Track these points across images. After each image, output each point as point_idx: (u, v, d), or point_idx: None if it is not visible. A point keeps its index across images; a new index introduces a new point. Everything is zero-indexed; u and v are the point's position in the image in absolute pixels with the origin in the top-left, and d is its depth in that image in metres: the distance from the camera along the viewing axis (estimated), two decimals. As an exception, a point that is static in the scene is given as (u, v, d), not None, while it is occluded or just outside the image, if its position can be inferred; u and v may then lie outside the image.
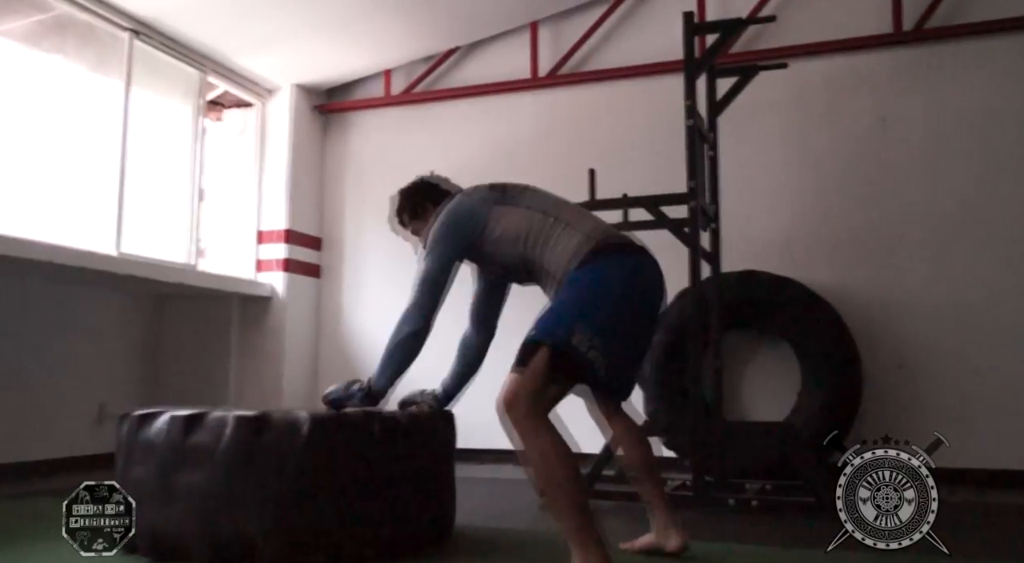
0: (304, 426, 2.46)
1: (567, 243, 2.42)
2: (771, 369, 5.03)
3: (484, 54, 6.01)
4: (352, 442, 2.52)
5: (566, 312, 2.32)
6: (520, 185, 2.70)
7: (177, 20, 5.11)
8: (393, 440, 2.59)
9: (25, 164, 4.47)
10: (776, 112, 5.21)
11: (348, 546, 2.48)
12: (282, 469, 2.43)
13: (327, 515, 2.46)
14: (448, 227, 2.59)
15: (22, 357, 4.60)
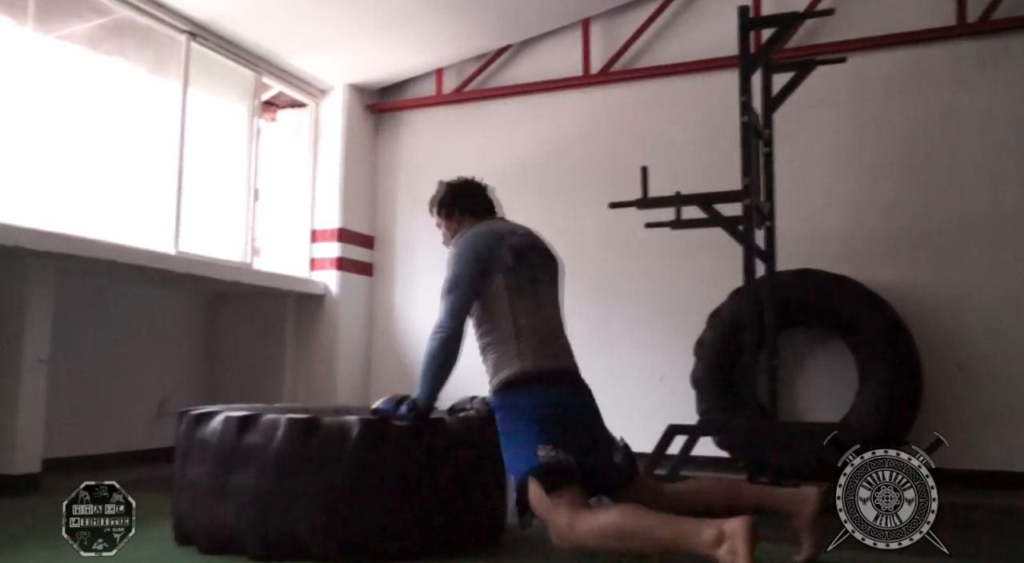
0: (354, 429, 2.48)
1: (502, 354, 2.69)
2: (827, 369, 4.93)
3: (535, 52, 6.00)
4: (401, 445, 2.54)
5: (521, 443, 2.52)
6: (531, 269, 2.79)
7: (233, 22, 5.19)
8: (442, 442, 2.59)
9: (88, 166, 4.58)
10: (833, 108, 5.10)
11: (397, 546, 2.50)
12: (332, 471, 2.46)
13: (376, 516, 2.48)
14: (464, 256, 2.76)
15: (87, 353, 4.72)
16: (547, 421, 2.51)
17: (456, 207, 3.03)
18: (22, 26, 4.23)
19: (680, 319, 5.23)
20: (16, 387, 3.91)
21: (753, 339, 3.79)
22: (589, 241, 5.62)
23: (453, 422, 2.68)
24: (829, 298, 4.64)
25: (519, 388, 2.60)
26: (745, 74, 3.86)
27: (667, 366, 5.27)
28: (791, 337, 4.88)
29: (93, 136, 4.63)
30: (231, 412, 2.62)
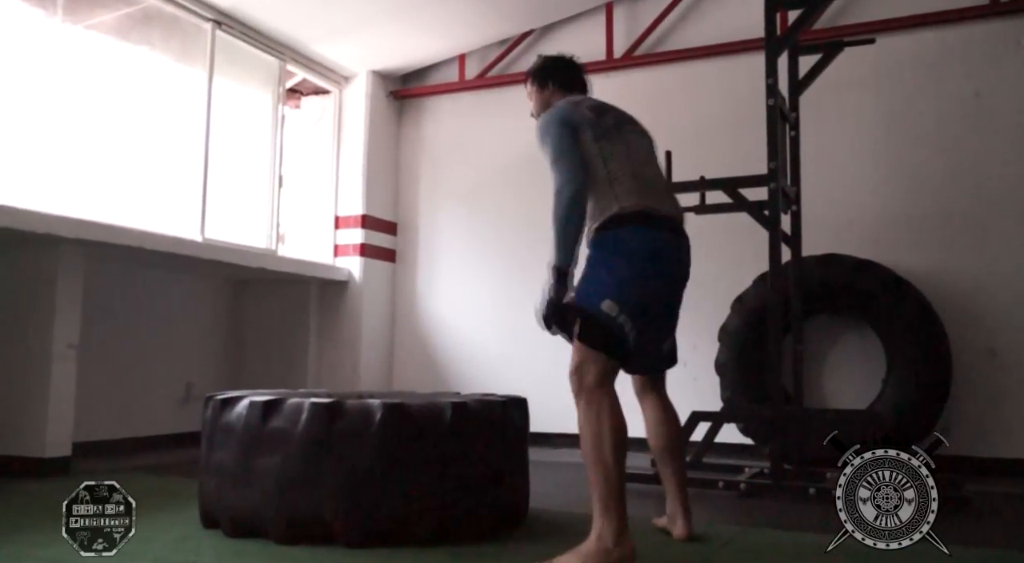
0: (377, 413, 2.49)
1: (599, 202, 2.58)
2: (854, 355, 4.89)
3: (558, 36, 5.97)
4: (424, 428, 2.55)
5: (595, 283, 2.46)
6: (617, 121, 2.74)
7: (257, 10, 5.21)
8: (464, 426, 2.60)
9: (116, 154, 4.63)
10: (861, 90, 5.03)
11: (421, 530, 2.51)
12: (355, 455, 2.48)
13: (400, 499, 2.49)
14: (551, 128, 2.69)
15: (115, 339, 4.79)
16: (635, 268, 2.46)
17: (549, 79, 3.05)
18: (52, 16, 4.28)
19: (704, 305, 5.18)
20: (47, 372, 3.97)
21: (778, 325, 3.77)
22: (613, 227, 5.59)
23: (475, 403, 2.68)
24: (856, 283, 4.59)
25: (619, 225, 2.51)
26: (771, 56, 3.82)
27: (690, 352, 5.22)
28: (817, 323, 4.83)
29: (121, 124, 4.67)
30: (256, 397, 2.64)
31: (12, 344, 4.03)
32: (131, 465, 4.31)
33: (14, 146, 4.10)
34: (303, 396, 2.70)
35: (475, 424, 2.64)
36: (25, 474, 3.82)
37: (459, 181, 6.23)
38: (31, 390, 3.97)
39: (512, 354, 5.78)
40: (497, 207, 6.04)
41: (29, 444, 3.93)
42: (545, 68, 3.08)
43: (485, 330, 5.93)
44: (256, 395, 2.69)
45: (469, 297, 6.06)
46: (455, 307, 6.11)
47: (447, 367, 6.01)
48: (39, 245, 3.95)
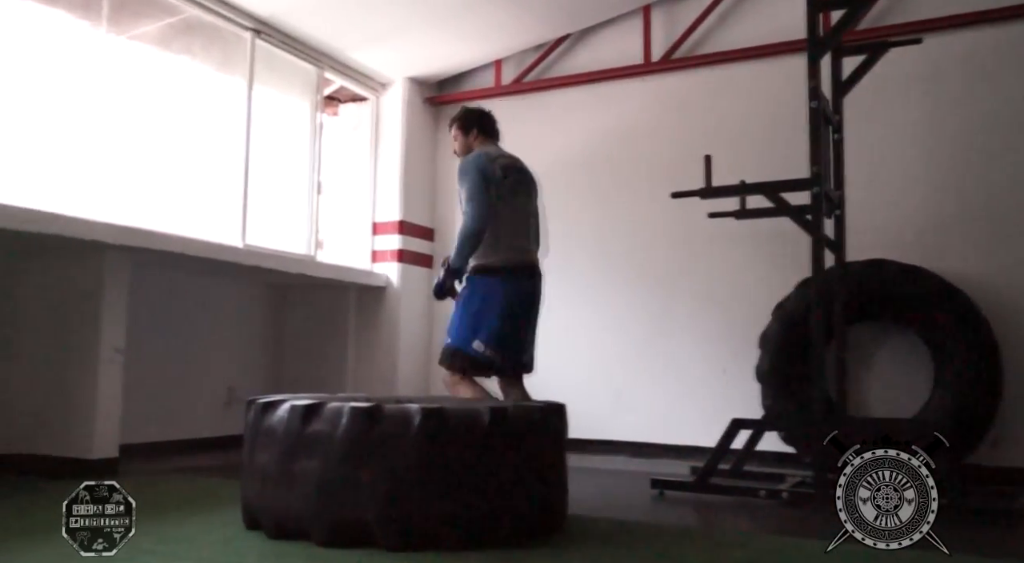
0: (416, 418, 2.50)
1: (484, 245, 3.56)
2: (900, 363, 4.79)
3: (595, 40, 5.95)
4: (462, 433, 2.54)
5: (467, 325, 3.54)
6: (514, 185, 3.70)
7: (296, 18, 5.26)
8: (503, 431, 2.59)
9: (159, 162, 4.70)
10: (907, 91, 4.94)
11: (459, 535, 2.50)
12: (394, 458, 2.48)
13: (438, 504, 2.48)
14: (468, 171, 3.63)
15: (159, 343, 4.85)
16: (498, 316, 3.51)
17: (473, 126, 3.87)
18: (97, 27, 4.35)
19: (744, 311, 5.14)
20: (94, 375, 4.03)
21: (821, 331, 3.71)
22: (650, 231, 5.56)
23: (513, 409, 2.67)
24: (902, 289, 4.50)
25: (494, 274, 3.56)
26: (814, 58, 3.77)
27: (730, 359, 5.18)
28: (861, 330, 4.75)
29: (164, 133, 4.74)
30: (296, 401, 2.66)
31: (60, 348, 4.10)
32: (175, 467, 4.36)
33: (62, 155, 4.18)
34: (343, 400, 2.71)
35: (513, 430, 2.63)
36: (73, 475, 3.88)
37: (496, 187, 6.23)
38: (79, 393, 4.04)
39: (549, 360, 5.72)
40: (534, 212, 6.02)
41: (77, 446, 4.00)
42: (469, 118, 3.91)
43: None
44: (297, 399, 2.71)
45: (506, 303, 6.04)
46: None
47: (485, 373, 6.00)
48: (86, 251, 4.02)
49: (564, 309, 5.83)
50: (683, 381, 5.34)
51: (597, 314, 5.71)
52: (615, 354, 5.60)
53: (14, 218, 3.52)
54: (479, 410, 2.60)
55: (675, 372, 5.38)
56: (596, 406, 5.43)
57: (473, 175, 3.57)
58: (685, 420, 5.27)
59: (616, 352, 5.61)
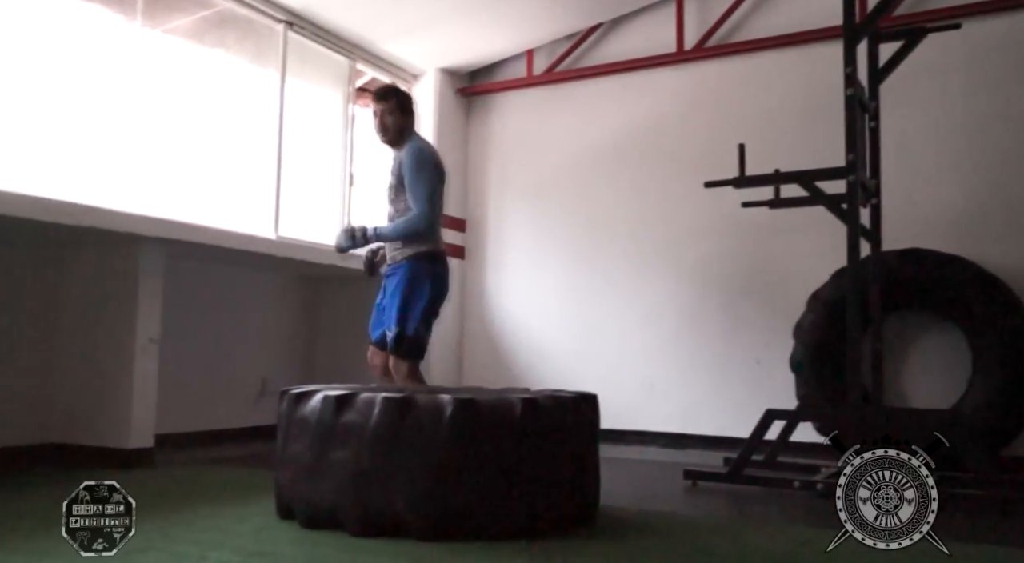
0: (447, 408, 2.50)
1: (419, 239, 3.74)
2: (937, 354, 4.72)
3: (627, 29, 5.91)
4: (494, 424, 2.54)
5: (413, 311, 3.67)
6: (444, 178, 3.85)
7: (328, 10, 5.28)
8: (535, 421, 2.59)
9: (193, 154, 4.74)
10: (945, 77, 4.85)
11: (491, 525, 2.50)
12: (426, 449, 2.49)
13: (470, 494, 2.49)
14: (428, 165, 3.73)
15: (194, 334, 4.91)
16: (434, 293, 3.69)
17: (411, 108, 3.86)
18: (132, 21, 4.40)
19: (778, 301, 5.09)
20: (130, 366, 4.08)
21: (857, 321, 3.66)
22: (683, 221, 5.53)
23: (545, 400, 2.67)
24: (940, 279, 4.43)
25: (431, 261, 3.72)
26: (850, 44, 3.70)
27: (764, 349, 5.14)
28: (898, 320, 4.69)
29: (197, 125, 4.79)
30: (329, 391, 2.68)
31: (97, 338, 4.16)
32: (209, 457, 4.42)
33: (98, 148, 4.24)
34: (375, 391, 2.72)
35: (545, 420, 2.62)
36: (110, 464, 3.94)
37: (527, 177, 6.23)
38: (115, 383, 4.10)
39: (581, 351, 5.75)
40: (565, 203, 6.01)
41: (114, 435, 4.06)
42: (409, 98, 3.88)
43: (553, 327, 5.91)
44: (329, 389, 2.73)
45: (537, 294, 6.05)
46: (523, 304, 6.10)
47: (516, 364, 6.02)
48: (122, 243, 4.07)
49: (596, 299, 5.81)
50: (716, 372, 5.30)
51: (629, 304, 5.68)
52: (648, 344, 5.58)
53: (52, 211, 3.57)
54: (511, 401, 2.60)
55: (708, 363, 5.35)
56: (629, 396, 5.41)
57: (431, 172, 3.69)
58: (718, 411, 5.24)
59: (649, 342, 5.58)
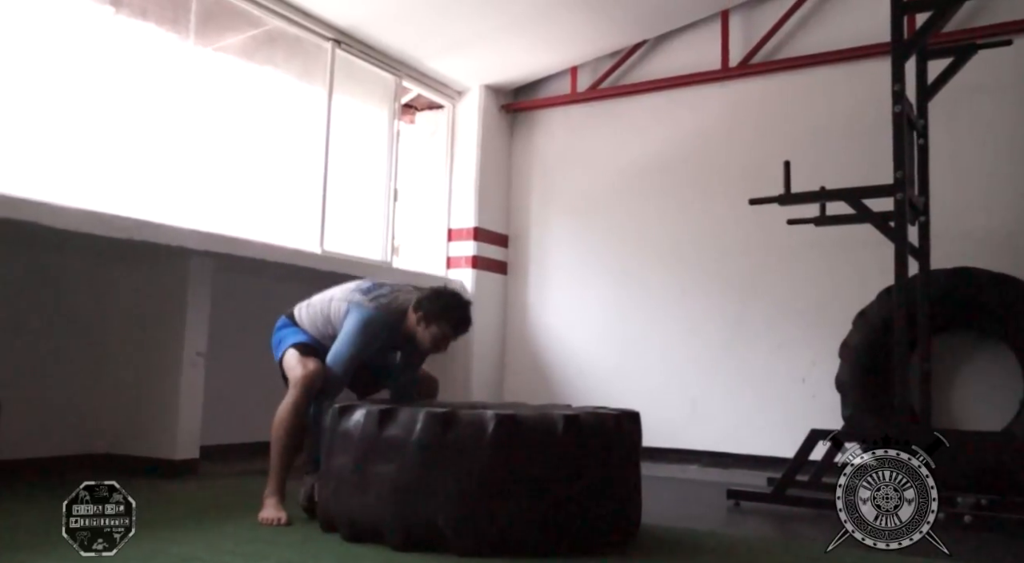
0: (490, 424, 2.51)
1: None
2: (987, 375, 4.62)
3: (672, 46, 5.90)
4: (536, 441, 2.54)
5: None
6: None
7: (375, 28, 5.36)
8: (577, 438, 2.58)
9: (242, 169, 4.84)
10: (996, 94, 4.77)
11: (532, 540, 2.50)
12: (468, 464, 2.50)
13: (512, 510, 2.49)
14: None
15: (239, 347, 4.97)
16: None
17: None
18: (184, 40, 4.51)
19: (823, 319, 5.02)
20: (177, 379, 4.17)
21: (904, 341, 3.60)
22: (726, 238, 5.49)
23: (587, 417, 2.66)
24: (990, 298, 4.34)
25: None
26: (898, 61, 3.66)
27: (809, 368, 5.07)
28: (947, 340, 4.60)
29: (246, 141, 4.89)
30: (373, 406, 2.71)
31: (146, 351, 4.25)
32: (253, 469, 4.46)
33: (149, 163, 4.34)
34: (418, 406, 2.74)
35: (588, 437, 2.62)
36: (157, 475, 4.01)
37: (570, 194, 6.24)
38: (163, 395, 4.18)
39: (622, 367, 5.73)
40: (608, 220, 6.00)
41: (161, 446, 4.14)
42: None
43: (596, 343, 5.90)
44: (372, 404, 2.75)
45: (580, 310, 6.04)
46: (566, 320, 6.10)
47: (558, 380, 6.01)
48: (171, 257, 4.16)
49: (640, 316, 5.79)
50: (760, 390, 5.24)
51: (673, 321, 5.65)
52: (691, 362, 5.54)
53: (106, 225, 3.66)
54: (553, 417, 2.60)
55: (752, 381, 5.29)
56: (671, 414, 5.37)
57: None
58: (762, 430, 5.17)
59: (692, 360, 5.54)
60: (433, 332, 3.25)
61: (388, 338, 3.30)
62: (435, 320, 3.23)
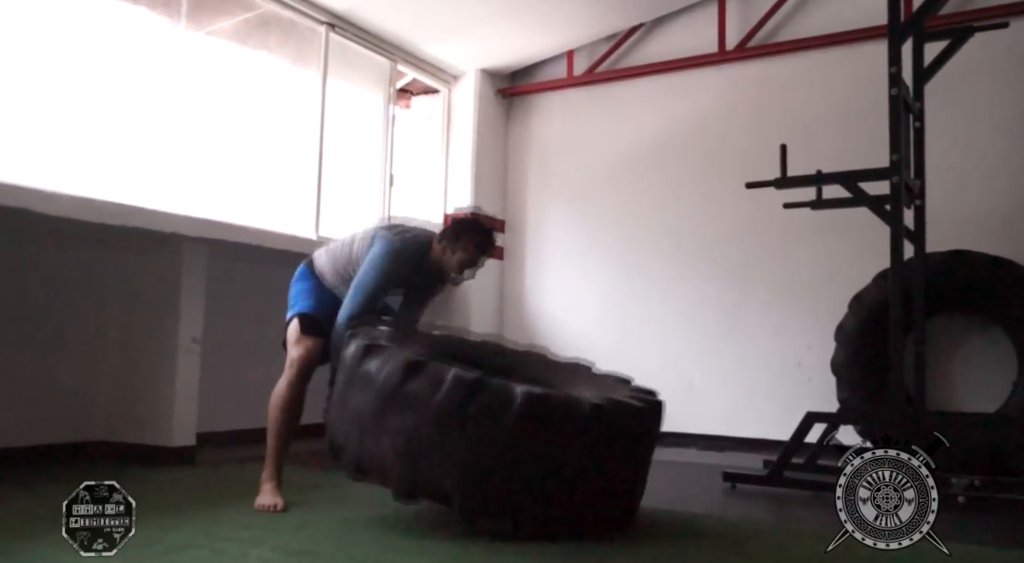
0: (517, 399, 2.43)
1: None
2: (981, 357, 4.63)
3: (669, 29, 5.88)
4: (559, 423, 2.47)
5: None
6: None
7: (369, 12, 5.33)
8: (600, 427, 2.52)
9: (235, 154, 4.82)
10: (992, 77, 4.76)
11: (536, 518, 2.47)
12: (488, 434, 2.42)
13: (520, 486, 2.45)
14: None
15: (235, 333, 4.97)
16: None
17: None
18: (176, 23, 4.48)
19: (819, 303, 5.03)
20: (173, 365, 4.15)
21: (899, 324, 3.60)
22: (723, 223, 5.48)
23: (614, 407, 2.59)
24: (985, 281, 4.35)
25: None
26: (894, 44, 3.65)
27: (805, 352, 5.08)
28: (942, 322, 4.61)
29: (240, 126, 4.86)
30: (401, 351, 2.58)
31: (141, 338, 4.24)
32: (251, 455, 4.47)
33: (142, 149, 4.32)
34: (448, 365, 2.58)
35: (611, 426, 2.56)
36: (153, 462, 4.01)
37: (567, 178, 6.22)
38: (158, 382, 4.17)
39: (620, 352, 5.73)
40: (605, 204, 6.00)
41: (157, 433, 4.13)
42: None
43: (593, 328, 5.90)
44: (401, 348, 2.63)
45: (576, 295, 6.04)
46: (563, 305, 6.10)
47: (554, 364, 6.00)
48: (165, 243, 4.14)
49: (637, 301, 5.79)
50: (757, 374, 5.26)
51: (670, 306, 5.65)
52: (688, 346, 5.54)
53: (99, 211, 3.64)
54: (580, 403, 2.52)
55: (748, 365, 5.30)
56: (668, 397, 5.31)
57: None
58: (758, 413, 5.19)
59: (689, 344, 5.55)
60: (459, 257, 3.30)
61: (411, 273, 3.32)
62: (460, 244, 3.28)
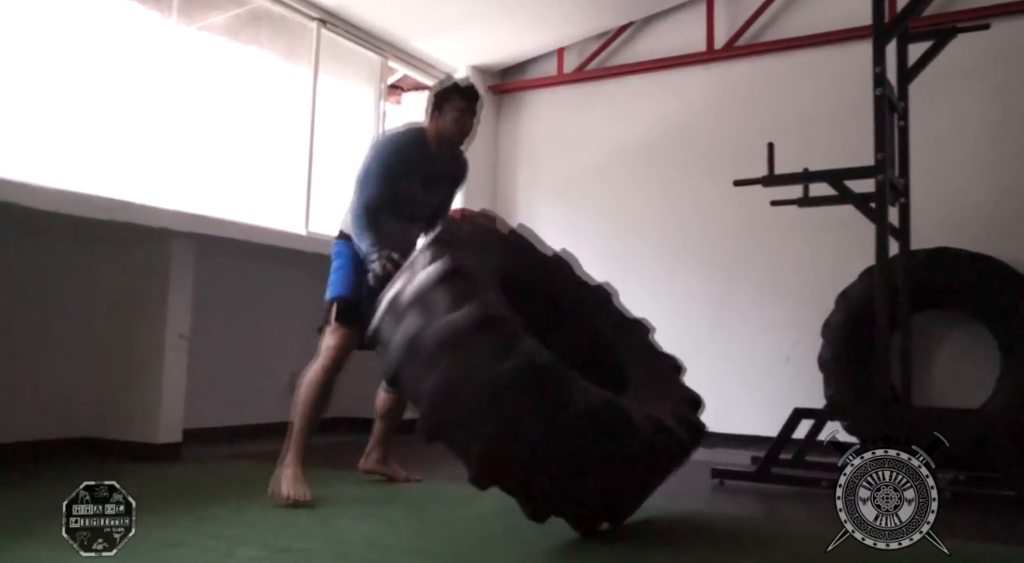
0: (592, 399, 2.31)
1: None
2: (965, 353, 4.69)
3: (658, 28, 5.90)
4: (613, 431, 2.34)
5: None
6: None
7: (360, 8, 5.33)
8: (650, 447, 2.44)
9: (225, 150, 4.81)
10: (975, 78, 4.81)
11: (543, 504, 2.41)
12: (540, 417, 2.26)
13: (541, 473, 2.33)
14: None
15: (223, 329, 4.97)
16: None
17: None
18: (167, 18, 4.48)
19: (806, 300, 5.07)
20: (160, 362, 4.11)
21: (885, 320, 3.64)
22: (711, 220, 5.51)
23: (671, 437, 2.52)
24: (969, 278, 4.40)
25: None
26: (879, 44, 3.68)
27: (792, 348, 5.12)
28: (926, 319, 4.65)
29: (230, 122, 4.86)
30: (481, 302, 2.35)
31: (128, 333, 4.22)
32: (237, 452, 4.47)
33: (131, 143, 4.31)
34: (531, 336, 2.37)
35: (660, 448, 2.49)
36: (139, 458, 4.00)
37: (557, 175, 6.24)
38: (145, 378, 4.14)
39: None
40: (594, 201, 6.02)
41: (143, 430, 4.09)
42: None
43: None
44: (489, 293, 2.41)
45: (565, 291, 6.05)
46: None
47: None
48: (153, 239, 4.12)
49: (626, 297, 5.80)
50: (744, 370, 5.29)
51: (658, 302, 5.66)
52: (676, 342, 5.51)
53: (86, 205, 3.61)
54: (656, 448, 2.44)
55: (736, 361, 5.33)
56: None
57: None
58: (746, 409, 5.22)
59: (677, 341, 5.51)
60: (452, 118, 3.31)
61: (416, 159, 3.36)
62: (448, 105, 3.30)
